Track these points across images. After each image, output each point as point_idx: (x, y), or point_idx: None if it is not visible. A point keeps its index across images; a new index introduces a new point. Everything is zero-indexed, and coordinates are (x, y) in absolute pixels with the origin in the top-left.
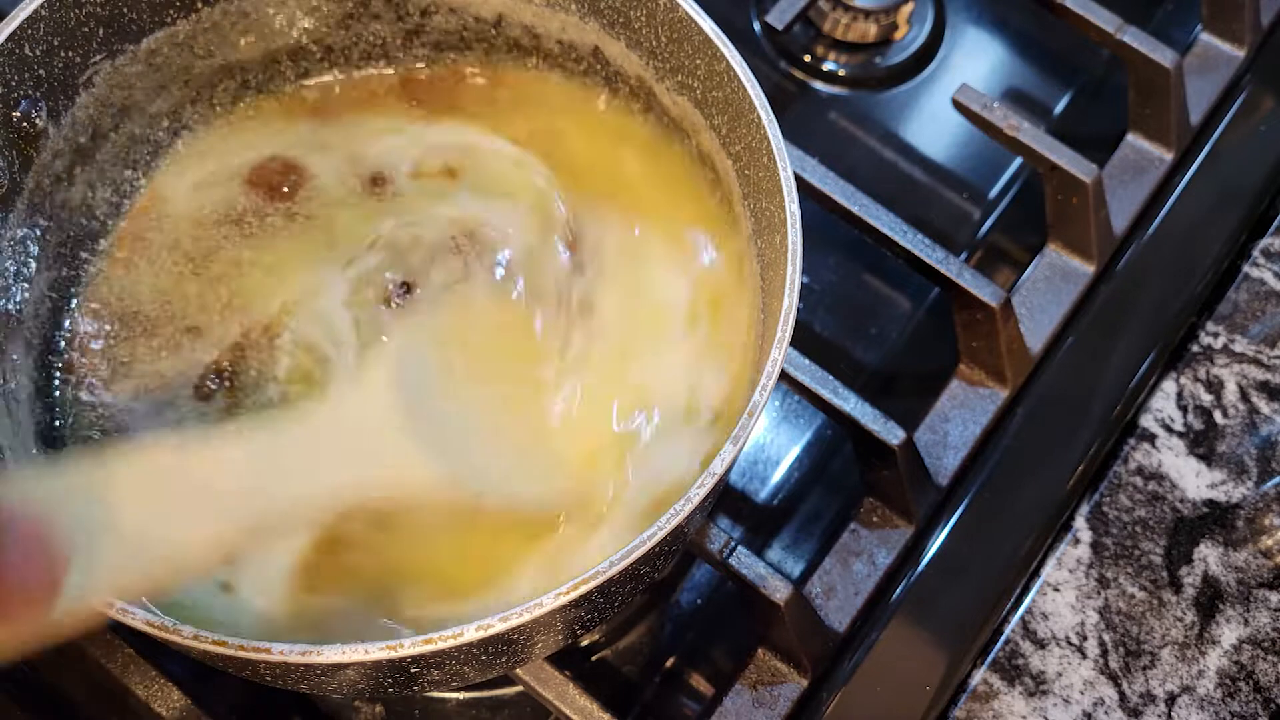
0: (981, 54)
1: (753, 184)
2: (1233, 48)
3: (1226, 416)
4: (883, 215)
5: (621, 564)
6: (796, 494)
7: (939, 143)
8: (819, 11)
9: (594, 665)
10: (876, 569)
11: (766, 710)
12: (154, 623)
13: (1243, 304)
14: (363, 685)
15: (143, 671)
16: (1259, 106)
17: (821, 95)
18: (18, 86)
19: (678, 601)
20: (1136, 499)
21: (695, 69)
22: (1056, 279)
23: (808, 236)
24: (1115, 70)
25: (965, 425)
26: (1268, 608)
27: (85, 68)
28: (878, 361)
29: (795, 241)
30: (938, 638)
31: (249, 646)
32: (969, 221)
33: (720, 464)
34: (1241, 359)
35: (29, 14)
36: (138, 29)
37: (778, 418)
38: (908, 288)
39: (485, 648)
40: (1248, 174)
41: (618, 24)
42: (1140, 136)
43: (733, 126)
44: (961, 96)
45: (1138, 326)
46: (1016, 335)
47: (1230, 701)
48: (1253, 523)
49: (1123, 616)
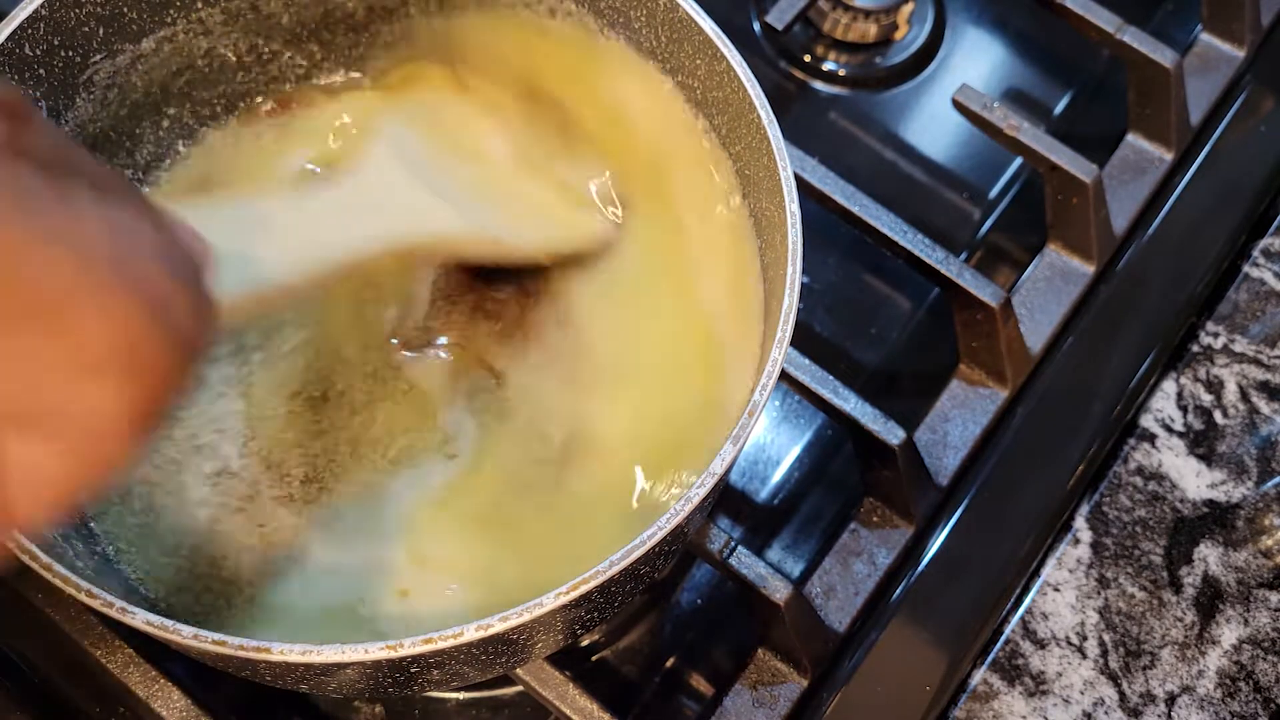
0: (981, 54)
1: (753, 184)
2: (1233, 48)
3: (1226, 416)
4: (883, 215)
5: (621, 564)
6: (796, 494)
7: (939, 143)
8: (819, 11)
9: (594, 665)
10: (876, 569)
11: (766, 710)
12: (154, 623)
13: (1243, 304)
14: (362, 685)
15: (143, 671)
16: (1259, 106)
17: (821, 95)
18: (17, 86)
19: (678, 601)
20: (1136, 499)
21: (695, 69)
22: (1056, 279)
23: (808, 236)
24: (1115, 70)
25: (965, 425)
26: (1268, 608)
27: (85, 68)
28: (878, 361)
29: (795, 241)
30: (938, 638)
31: (249, 646)
32: (969, 221)
33: (720, 464)
34: (1242, 359)
35: (29, 14)
36: (138, 29)
37: (778, 418)
38: (908, 288)
39: (485, 648)
40: (1248, 174)
41: (618, 23)
42: (1140, 136)
43: (733, 126)
44: (961, 96)
45: (1138, 326)
46: (1016, 335)
47: (1230, 701)
48: (1253, 523)
49: (1123, 616)
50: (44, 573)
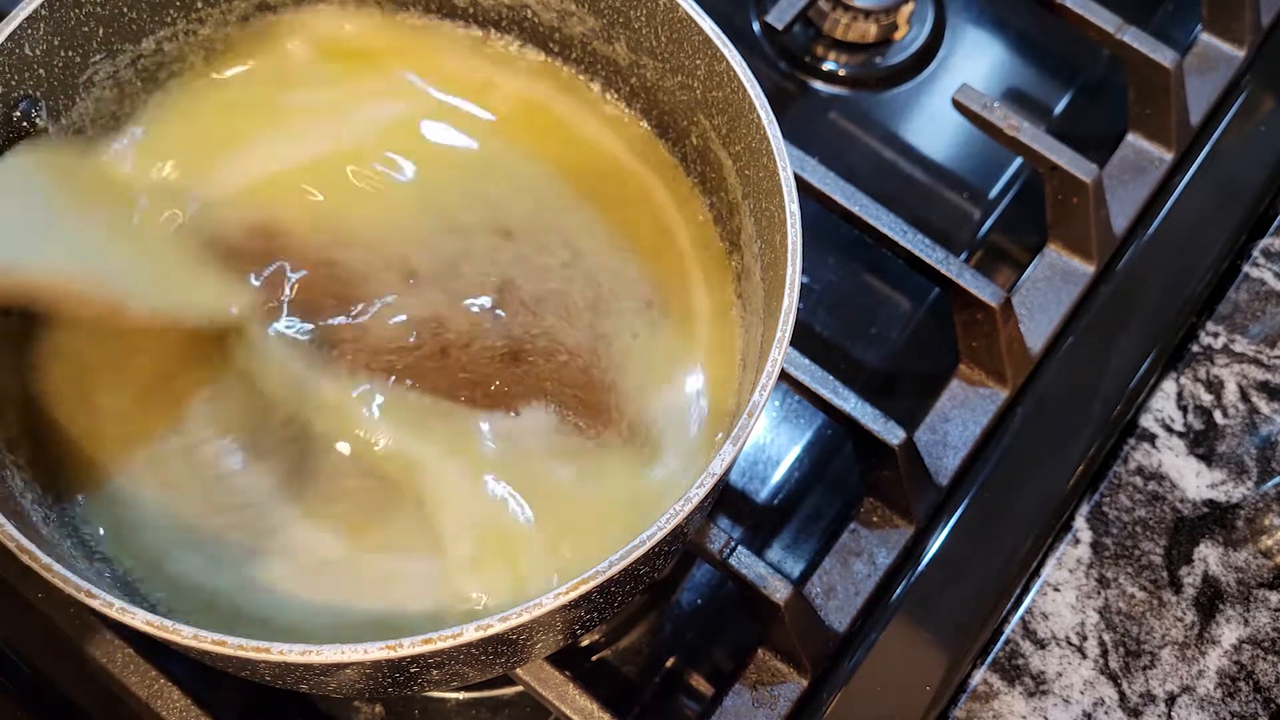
0: (981, 54)
1: (753, 184)
2: (1233, 48)
3: (1226, 416)
4: (883, 215)
5: (621, 564)
6: (796, 494)
7: (939, 143)
8: (819, 11)
9: (594, 665)
10: (876, 569)
11: (766, 710)
12: (154, 623)
13: (1243, 304)
14: (362, 685)
15: (143, 671)
16: (1259, 106)
17: (821, 95)
18: (18, 86)
19: (678, 601)
20: (1136, 499)
21: (695, 69)
22: (1056, 279)
23: (808, 236)
24: (1115, 70)
25: (965, 425)
26: (1268, 608)
27: (85, 68)
28: (878, 361)
29: (795, 241)
30: (938, 638)
31: (249, 646)
32: (969, 221)
33: (720, 464)
34: (1241, 359)
35: (29, 14)
36: (138, 29)
37: (778, 418)
38: (908, 288)
39: (485, 648)
40: (1248, 174)
41: (618, 24)
42: (1140, 136)
43: (733, 126)
44: (961, 96)
45: (1138, 326)
46: (1016, 335)
47: (1230, 701)
48: (1253, 523)
49: (1123, 616)
50: (44, 573)
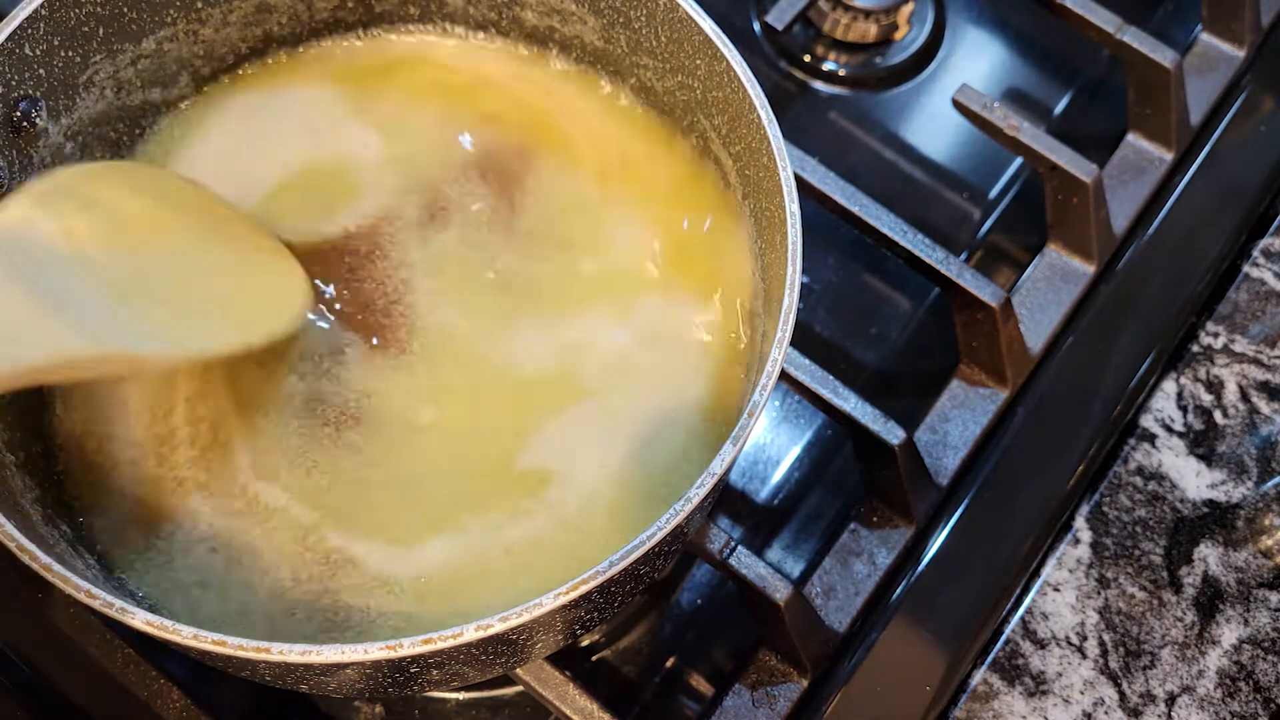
0: (981, 54)
1: (753, 184)
2: (1233, 48)
3: (1226, 416)
4: (883, 215)
5: (621, 564)
6: (796, 494)
7: (939, 143)
8: (819, 11)
9: (594, 665)
10: (876, 569)
11: (766, 710)
12: (154, 623)
13: (1243, 304)
14: (362, 685)
15: (143, 671)
16: (1259, 106)
17: (821, 95)
18: (18, 86)
19: (678, 601)
20: (1136, 499)
21: (695, 69)
22: (1056, 279)
23: (808, 236)
24: (1115, 70)
25: (965, 425)
26: (1268, 608)
27: (85, 68)
28: (878, 361)
29: (795, 241)
30: (938, 638)
31: (249, 646)
32: (969, 221)
33: (720, 464)
34: (1241, 359)
35: (29, 14)
36: (138, 29)
37: (778, 418)
38: (908, 288)
39: (485, 647)
40: (1248, 174)
41: (618, 24)
42: (1140, 136)
43: (733, 126)
44: (961, 96)
45: (1138, 326)
46: (1016, 335)
47: (1230, 701)
48: (1253, 523)
49: (1123, 616)
50: (44, 573)
